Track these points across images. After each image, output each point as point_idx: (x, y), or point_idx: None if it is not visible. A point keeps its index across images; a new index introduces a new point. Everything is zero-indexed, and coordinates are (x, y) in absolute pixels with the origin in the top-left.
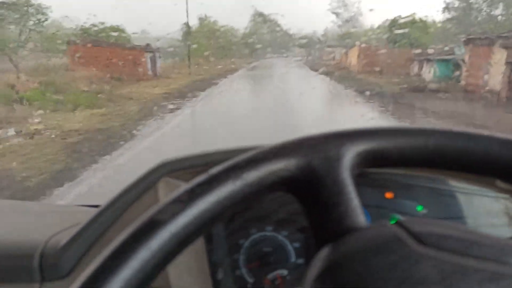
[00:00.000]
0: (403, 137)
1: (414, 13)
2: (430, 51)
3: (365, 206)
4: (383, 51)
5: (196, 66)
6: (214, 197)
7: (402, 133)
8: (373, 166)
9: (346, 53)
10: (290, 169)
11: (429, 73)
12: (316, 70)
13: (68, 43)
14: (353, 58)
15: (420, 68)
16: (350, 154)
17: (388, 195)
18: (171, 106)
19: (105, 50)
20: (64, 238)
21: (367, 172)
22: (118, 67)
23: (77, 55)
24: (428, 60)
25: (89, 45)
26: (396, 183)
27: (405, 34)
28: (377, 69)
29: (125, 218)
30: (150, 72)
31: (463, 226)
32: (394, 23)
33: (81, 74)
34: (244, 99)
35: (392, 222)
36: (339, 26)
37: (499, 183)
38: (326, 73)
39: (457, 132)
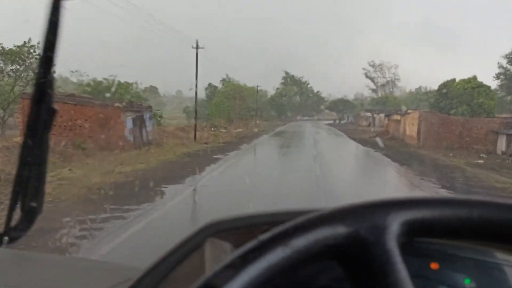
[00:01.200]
0: (448, 207)
1: (474, 76)
2: None
3: (410, 276)
4: (454, 119)
5: (213, 129)
6: (264, 263)
7: (447, 204)
8: (419, 236)
9: (391, 119)
10: (337, 237)
11: None
12: (356, 139)
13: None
14: (408, 127)
15: (510, 143)
16: (396, 223)
17: (434, 265)
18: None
19: (69, 108)
20: None
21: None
22: (84, 130)
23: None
24: None
25: None
26: (442, 254)
27: (463, 99)
28: (444, 143)
29: (172, 278)
30: (130, 138)
31: None
32: (444, 87)
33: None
34: (252, 202)
35: None
36: (373, 90)
37: None
38: (374, 146)
39: (502, 204)
